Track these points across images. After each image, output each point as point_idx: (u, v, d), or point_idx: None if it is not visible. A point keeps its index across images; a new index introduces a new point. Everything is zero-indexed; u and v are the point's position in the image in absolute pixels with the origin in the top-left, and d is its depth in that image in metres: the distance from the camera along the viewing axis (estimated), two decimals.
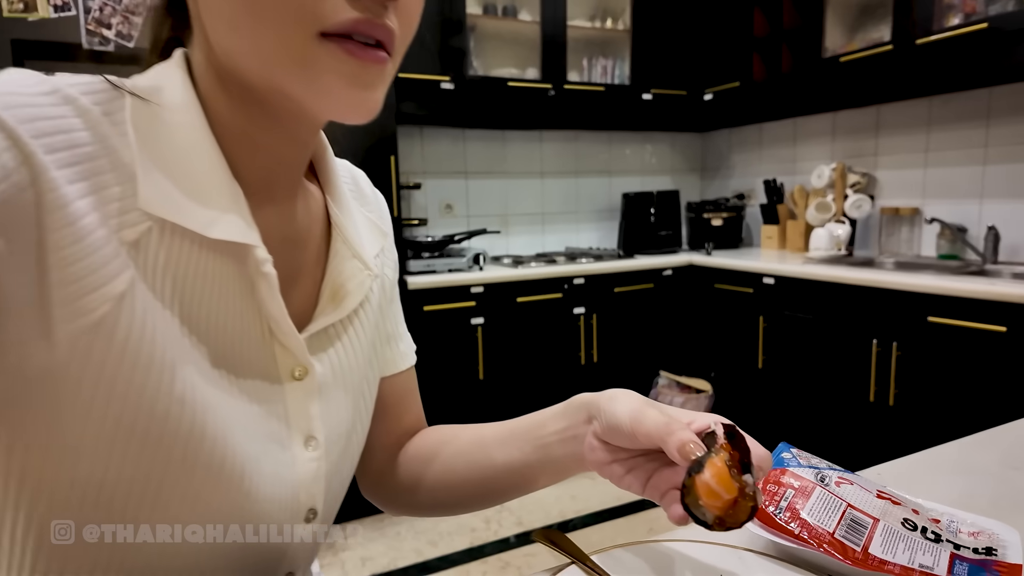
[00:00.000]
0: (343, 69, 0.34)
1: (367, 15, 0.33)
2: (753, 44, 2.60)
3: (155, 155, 0.35)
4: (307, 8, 0.32)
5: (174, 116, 0.36)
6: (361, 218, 0.50)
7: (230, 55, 0.35)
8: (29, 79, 0.33)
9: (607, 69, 2.80)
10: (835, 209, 2.47)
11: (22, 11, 1.57)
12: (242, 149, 0.39)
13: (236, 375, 0.40)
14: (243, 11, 0.33)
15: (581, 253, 2.78)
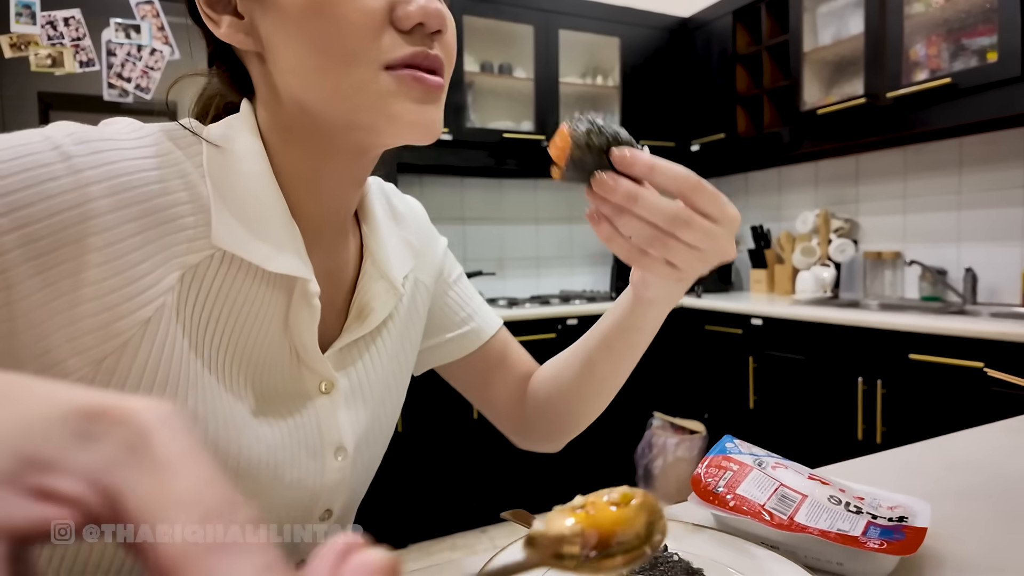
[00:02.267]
0: (411, 94, 0.39)
1: (421, 48, 0.39)
2: (736, 99, 2.74)
3: (226, 195, 0.41)
4: (370, 47, 0.38)
5: (243, 163, 0.42)
6: (393, 239, 0.54)
7: (306, 102, 0.40)
8: (126, 128, 0.40)
9: None
10: (820, 253, 2.55)
11: (50, 66, 1.69)
12: (302, 193, 0.44)
13: (268, 390, 0.44)
14: (314, 62, 0.38)
15: (575, 295, 2.85)
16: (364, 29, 0.38)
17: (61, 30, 1.70)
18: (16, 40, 1.66)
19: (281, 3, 0.39)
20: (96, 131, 0.38)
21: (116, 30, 1.75)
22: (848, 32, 2.30)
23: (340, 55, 0.38)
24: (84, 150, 0.36)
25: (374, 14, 0.38)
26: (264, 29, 0.40)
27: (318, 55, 0.38)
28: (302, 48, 0.39)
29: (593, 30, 2.84)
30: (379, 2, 0.38)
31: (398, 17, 0.39)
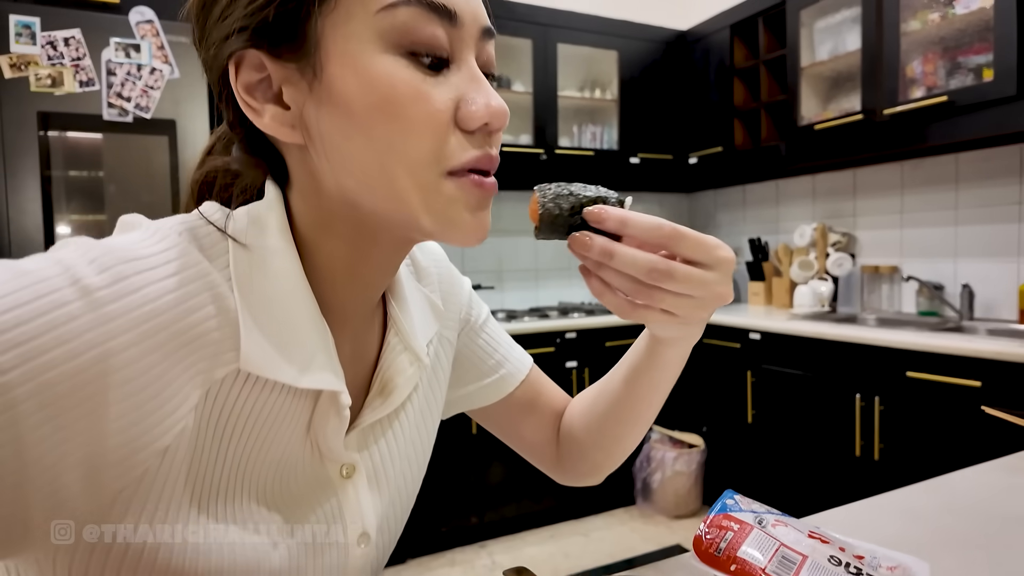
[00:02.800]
0: (470, 200, 0.39)
1: (484, 151, 0.39)
2: (734, 112, 2.75)
3: (254, 301, 0.38)
4: (436, 152, 0.37)
5: (272, 261, 0.39)
6: (417, 301, 0.52)
7: (358, 201, 0.39)
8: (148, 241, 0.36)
9: (596, 135, 2.95)
10: (818, 267, 2.56)
11: (49, 86, 1.70)
12: (337, 286, 0.42)
13: (287, 489, 0.42)
14: (376, 163, 0.37)
15: (573, 308, 2.85)
16: (432, 133, 0.37)
17: (61, 50, 1.70)
18: (16, 60, 1.66)
19: (343, 100, 0.36)
20: (117, 251, 0.34)
21: (116, 49, 1.76)
22: (845, 48, 2.31)
23: (405, 159, 0.37)
24: (105, 280, 0.32)
25: (442, 116, 0.37)
26: (317, 123, 0.38)
27: (381, 156, 0.37)
28: (363, 148, 0.37)
29: (591, 44, 2.85)
30: (447, 103, 0.37)
31: (463, 117, 0.38)
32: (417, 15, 0.36)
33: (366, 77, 0.36)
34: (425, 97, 0.36)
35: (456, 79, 0.38)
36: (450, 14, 0.37)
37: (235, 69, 0.38)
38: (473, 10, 0.39)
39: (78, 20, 1.72)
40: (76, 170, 1.75)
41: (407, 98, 0.36)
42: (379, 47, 0.36)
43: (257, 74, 0.38)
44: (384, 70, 0.36)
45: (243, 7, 0.36)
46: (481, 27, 0.39)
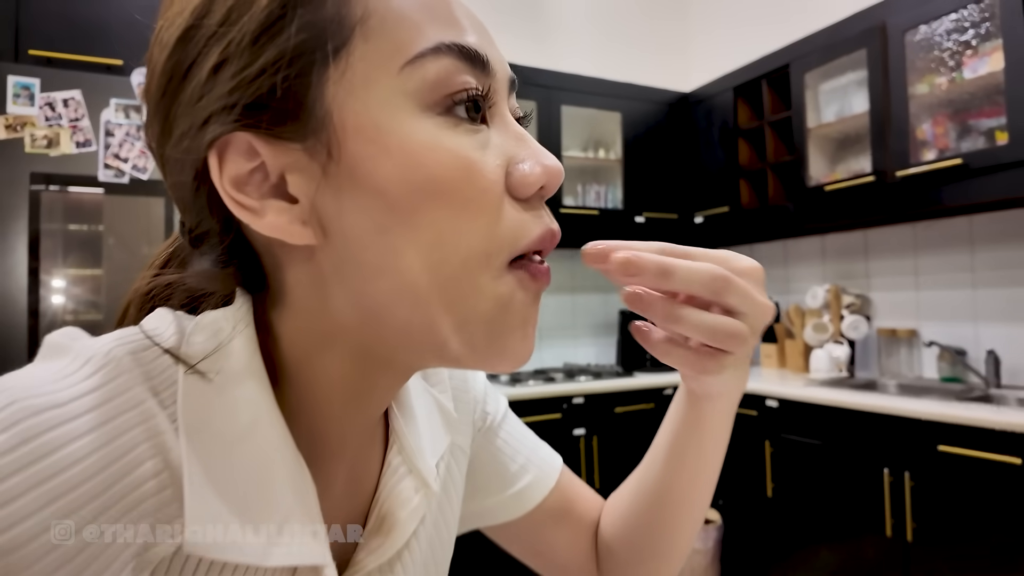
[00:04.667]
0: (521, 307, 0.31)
1: (546, 225, 0.31)
2: (740, 172, 2.73)
3: (208, 453, 0.29)
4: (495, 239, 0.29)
5: (237, 393, 0.30)
6: (425, 407, 0.43)
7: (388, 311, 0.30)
8: (69, 379, 0.27)
9: (600, 194, 2.92)
10: (832, 330, 2.48)
11: (45, 147, 1.65)
12: (332, 411, 0.34)
13: None
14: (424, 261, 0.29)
15: (580, 370, 2.75)
16: (490, 211, 0.29)
17: (60, 111, 1.67)
18: (12, 121, 1.62)
19: (374, 183, 0.28)
20: (25, 399, 0.25)
21: (116, 110, 1.72)
22: (852, 110, 2.31)
23: (459, 252, 0.29)
24: (8, 443, 0.24)
25: (498, 188, 0.30)
26: (339, 217, 0.29)
27: (429, 252, 0.29)
28: (405, 243, 0.29)
29: (595, 105, 2.86)
30: (499, 171, 0.30)
31: (517, 183, 0.30)
32: (450, 66, 0.29)
33: (404, 152, 0.28)
34: (477, 167, 0.29)
35: (498, 139, 0.31)
36: (482, 61, 0.30)
37: (219, 160, 0.29)
38: (500, 57, 0.32)
39: (79, 81, 1.69)
40: (75, 223, 1.69)
41: (458, 172, 0.28)
42: (411, 111, 0.29)
43: (248, 163, 0.29)
44: (424, 139, 0.28)
45: (227, 80, 0.28)
46: (510, 77, 0.33)
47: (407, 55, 0.28)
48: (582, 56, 3.12)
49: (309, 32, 0.28)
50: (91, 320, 1.72)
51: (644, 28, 3.34)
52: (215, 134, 0.29)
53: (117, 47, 1.79)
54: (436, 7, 0.30)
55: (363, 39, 0.29)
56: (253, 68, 0.28)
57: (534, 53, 3.00)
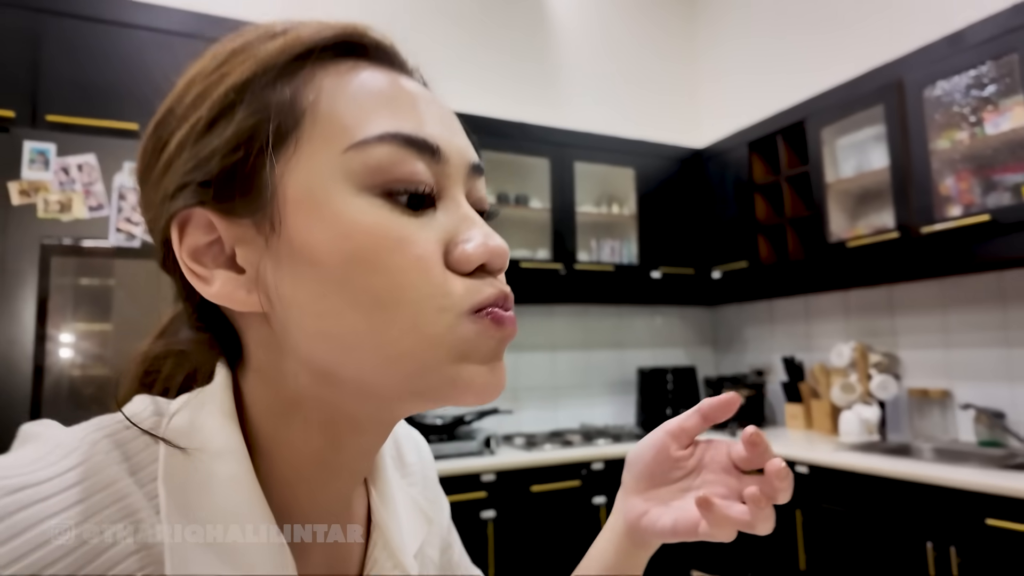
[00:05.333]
0: (487, 344, 0.32)
1: (497, 288, 0.33)
2: (758, 228, 2.69)
3: (186, 527, 0.30)
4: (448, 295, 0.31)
5: (217, 468, 0.31)
6: (403, 502, 0.44)
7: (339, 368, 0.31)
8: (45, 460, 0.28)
9: (615, 249, 2.88)
10: (860, 390, 2.38)
11: (58, 211, 1.63)
12: (303, 482, 0.34)
13: None
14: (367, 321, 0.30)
15: (597, 432, 2.65)
16: (425, 279, 0.31)
17: (74, 176, 1.66)
18: (26, 187, 1.61)
19: (310, 253, 0.30)
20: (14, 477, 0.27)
21: (129, 174, 1.71)
22: (871, 165, 2.27)
23: (404, 310, 0.30)
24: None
25: (430, 260, 0.31)
26: (278, 285, 0.31)
27: (369, 313, 0.30)
28: (344, 306, 0.30)
29: (607, 162, 2.85)
30: (434, 245, 0.31)
31: (457, 259, 0.32)
32: (394, 152, 0.31)
33: (335, 224, 0.30)
34: (408, 239, 0.31)
35: (444, 219, 0.33)
36: (432, 149, 0.32)
37: (179, 232, 0.32)
38: (459, 145, 0.34)
39: (94, 145, 1.68)
40: (87, 278, 1.66)
41: (387, 243, 0.30)
42: (349, 189, 0.30)
43: (206, 236, 0.32)
44: (356, 214, 0.30)
45: (185, 160, 0.31)
46: (469, 163, 0.35)
47: (352, 139, 0.31)
48: (594, 114, 3.14)
49: (260, 116, 0.31)
50: (97, 375, 1.67)
51: (655, 85, 3.37)
52: (175, 208, 0.31)
53: (132, 111, 1.79)
54: (395, 98, 0.33)
55: (312, 122, 0.31)
56: (207, 149, 0.31)
57: (547, 111, 3.02)
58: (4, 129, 1.62)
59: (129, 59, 1.83)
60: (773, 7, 3.03)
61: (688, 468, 0.44)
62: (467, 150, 0.35)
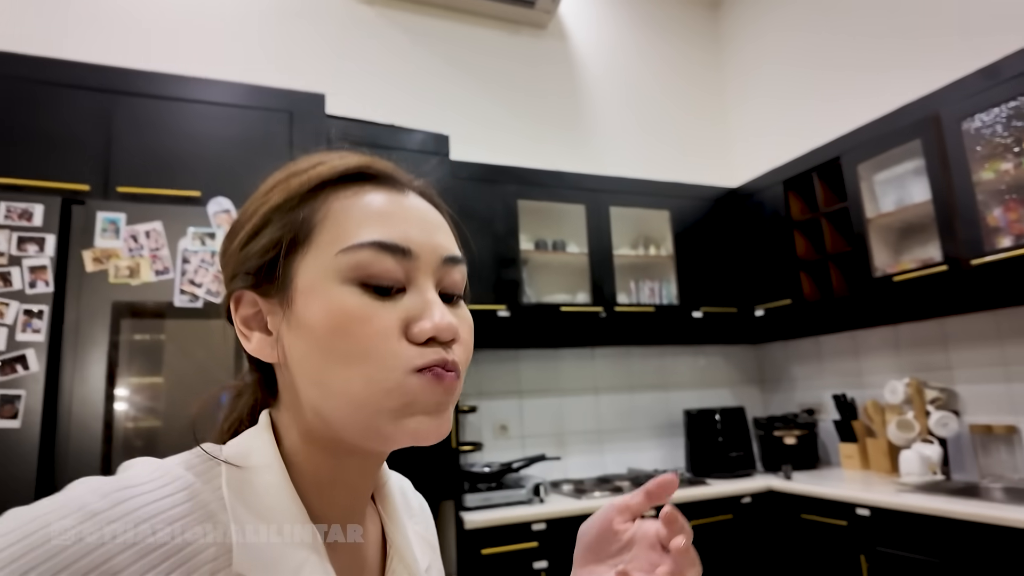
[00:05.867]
0: (430, 396, 0.42)
1: (440, 355, 0.42)
2: (799, 264, 2.67)
3: (247, 515, 0.41)
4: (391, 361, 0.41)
5: (262, 477, 0.43)
6: (412, 533, 0.54)
7: (324, 412, 0.43)
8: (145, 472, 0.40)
9: (654, 291, 2.88)
10: (919, 427, 2.31)
11: (127, 276, 1.73)
12: (322, 491, 0.46)
13: None
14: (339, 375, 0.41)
15: (646, 476, 2.61)
16: (383, 345, 0.41)
17: (142, 242, 1.75)
18: (99, 254, 1.71)
19: (307, 324, 0.42)
20: (117, 483, 0.38)
21: (193, 238, 1.81)
22: (912, 199, 2.26)
23: (362, 368, 0.41)
24: (106, 504, 0.37)
25: (389, 332, 0.41)
26: (289, 345, 0.44)
27: (341, 369, 0.41)
28: (325, 363, 0.42)
29: (642, 205, 2.89)
30: (393, 321, 0.42)
31: (413, 333, 0.42)
32: (372, 254, 0.42)
33: (324, 304, 0.42)
34: (372, 316, 0.41)
35: (408, 301, 0.43)
36: (403, 251, 0.43)
37: (235, 305, 0.46)
38: (432, 244, 0.45)
39: (160, 213, 1.79)
40: (140, 333, 1.73)
41: (356, 319, 0.41)
42: (337, 280, 0.42)
43: (251, 309, 0.46)
44: (338, 298, 0.41)
45: (240, 257, 0.46)
46: (441, 257, 0.45)
47: (342, 245, 0.42)
48: (627, 159, 3.20)
49: (284, 231, 0.44)
50: (150, 427, 1.72)
51: (686, 129, 3.43)
52: (233, 288, 0.46)
53: (194, 179, 1.90)
54: (382, 213, 0.44)
55: (319, 233, 0.43)
56: (252, 251, 0.45)
57: (581, 159, 3.10)
58: (80, 202, 1.73)
59: (189, 131, 1.95)
60: (800, 48, 3.08)
61: (623, 543, 0.49)
62: (440, 245, 0.45)
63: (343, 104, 2.46)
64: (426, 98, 2.90)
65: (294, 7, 2.75)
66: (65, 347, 1.65)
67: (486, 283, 2.54)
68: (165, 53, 2.46)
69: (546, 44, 3.22)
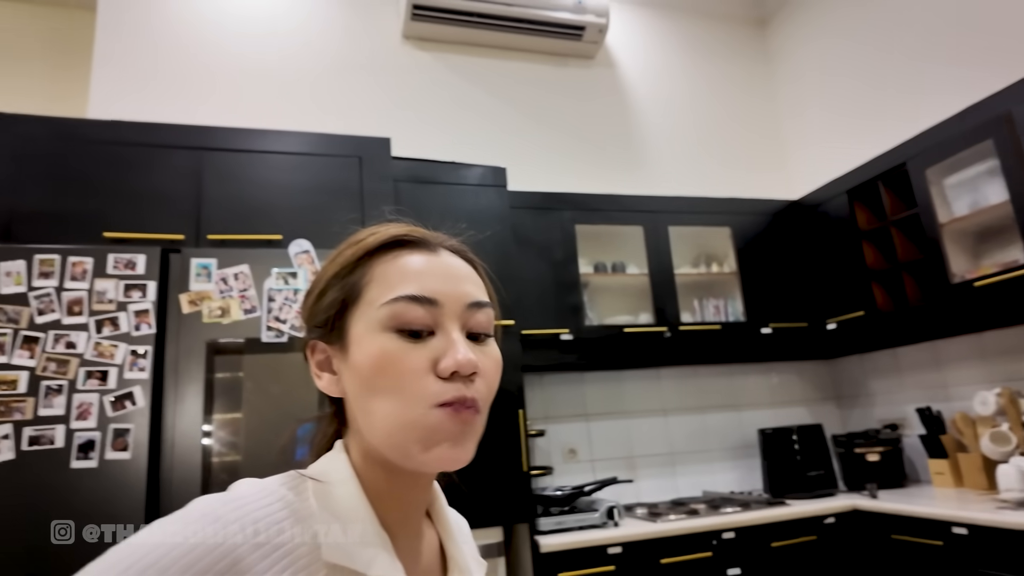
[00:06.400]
0: (449, 428, 0.50)
1: (460, 392, 0.51)
2: (870, 275, 2.60)
3: (329, 517, 0.51)
4: (418, 396, 0.50)
5: (339, 489, 0.53)
6: (469, 554, 0.63)
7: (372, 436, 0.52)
8: (252, 489, 0.50)
9: (719, 308, 2.86)
10: (1016, 440, 2.18)
11: (219, 316, 1.87)
12: (385, 503, 0.54)
13: None
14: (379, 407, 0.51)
15: (723, 499, 2.55)
16: (413, 382, 0.50)
17: (231, 284, 1.90)
18: (194, 297, 1.86)
19: (357, 365, 0.53)
20: (229, 495, 0.49)
21: (276, 278, 1.94)
22: (987, 201, 2.18)
23: (395, 400, 0.50)
24: (226, 508, 0.47)
25: (419, 371, 0.51)
26: (347, 382, 0.55)
27: (380, 402, 0.51)
28: (369, 397, 0.52)
29: (701, 223, 2.89)
30: (422, 361, 0.51)
31: (439, 370, 0.51)
32: (405, 305, 0.52)
33: (369, 348, 0.52)
34: (404, 357, 0.51)
35: (436, 342, 0.52)
36: (430, 300, 0.52)
37: (311, 352, 0.58)
38: (457, 293, 0.54)
39: (247, 257, 1.93)
40: (221, 372, 1.85)
41: (392, 359, 0.51)
42: (379, 329, 0.52)
43: (322, 354, 0.57)
44: (379, 343, 0.51)
45: (311, 313, 0.58)
46: (465, 304, 0.54)
47: (381, 301, 0.52)
48: (684, 179, 3.22)
49: (341, 294, 0.55)
50: (231, 461, 1.83)
51: (742, 144, 3.42)
52: (307, 338, 0.59)
53: (276, 224, 2.05)
54: (414, 271, 0.54)
55: (367, 292, 0.54)
56: (319, 308, 0.57)
57: (636, 182, 3.14)
58: (176, 250, 1.90)
59: (270, 179, 2.11)
60: (854, 56, 3.04)
61: None
62: (465, 295, 0.54)
63: (406, 145, 2.59)
64: (483, 133, 3.01)
65: (356, 60, 2.94)
66: (167, 383, 1.80)
67: (548, 307, 2.58)
68: (245, 110, 2.67)
69: (595, 73, 3.30)
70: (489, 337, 0.56)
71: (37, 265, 1.78)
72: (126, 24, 2.66)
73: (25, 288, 1.77)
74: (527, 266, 2.56)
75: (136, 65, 2.62)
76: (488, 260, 0.62)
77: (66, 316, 1.77)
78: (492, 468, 2.11)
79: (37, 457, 1.65)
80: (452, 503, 0.66)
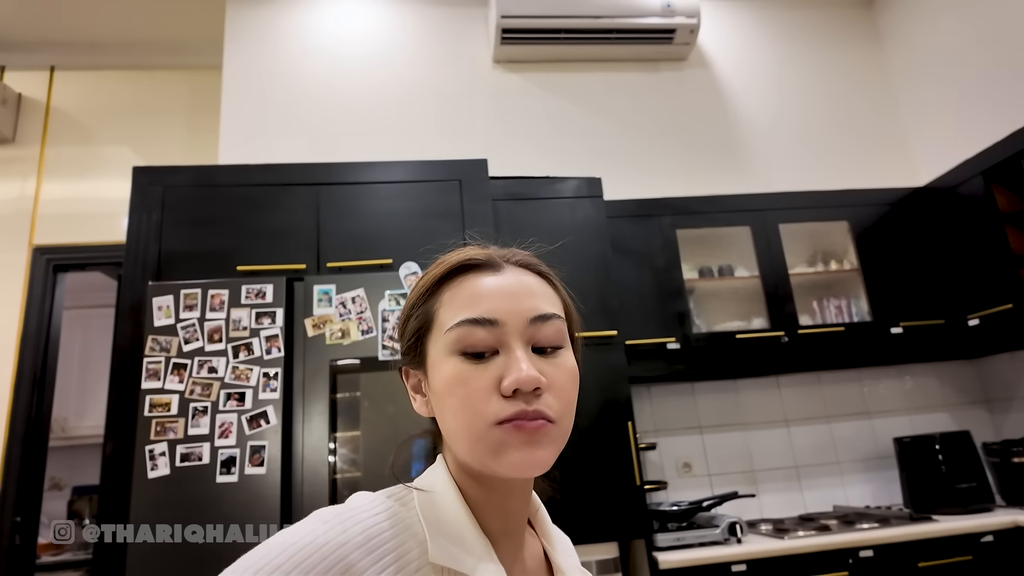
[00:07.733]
0: (516, 441, 0.52)
1: (520, 407, 0.52)
2: (1017, 263, 2.33)
3: (435, 525, 0.54)
4: (482, 414, 0.52)
5: (442, 498, 0.57)
6: (574, 565, 0.65)
7: (456, 448, 0.56)
8: (363, 501, 0.55)
9: (842, 308, 2.67)
10: None
11: (339, 338, 1.99)
12: (484, 511, 0.57)
13: None
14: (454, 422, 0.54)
15: (858, 515, 2.36)
16: (478, 401, 0.53)
17: (349, 307, 2.02)
18: (317, 321, 2.00)
19: (435, 387, 0.57)
20: (345, 506, 0.54)
21: (389, 300, 2.04)
22: None
23: (464, 419, 0.53)
24: (340, 518, 0.51)
25: (484, 391, 0.53)
26: (432, 401, 0.59)
27: (455, 419, 0.54)
28: (446, 415, 0.56)
29: (815, 218, 2.72)
30: (487, 381, 0.53)
31: (503, 388, 0.53)
32: (466, 329, 0.54)
33: (441, 372, 0.55)
34: (469, 379, 0.53)
35: (500, 361, 0.54)
36: (491, 321, 0.54)
37: (405, 376, 0.63)
38: (519, 309, 0.55)
39: (362, 281, 2.05)
40: (341, 392, 1.97)
41: (458, 382, 0.54)
42: (447, 353, 0.55)
43: (414, 378, 0.62)
44: (448, 367, 0.55)
45: (401, 342, 0.63)
46: (527, 319, 0.55)
47: (448, 326, 0.55)
48: (790, 173, 3.05)
49: (420, 320, 0.59)
50: (351, 478, 1.92)
51: (853, 131, 3.20)
52: (400, 364, 0.63)
53: (387, 249, 2.16)
54: (477, 294, 0.56)
55: (437, 318, 0.57)
56: (405, 336, 0.62)
57: (739, 181, 3.02)
58: (300, 278, 2.05)
59: (379, 208, 2.24)
60: (978, 24, 2.76)
61: None
62: (528, 310, 0.56)
63: (504, 164, 2.66)
64: (578, 146, 3.03)
65: (451, 88, 3.06)
66: (295, 403, 1.94)
67: (651, 316, 2.53)
68: (352, 144, 2.86)
69: (688, 74, 3.22)
70: (559, 348, 0.57)
71: (183, 299, 1.99)
72: (247, 77, 2.94)
73: (173, 320, 1.98)
74: (628, 275, 2.52)
75: (256, 112, 2.88)
76: (587, 271, 0.64)
77: (208, 343, 1.96)
78: (603, 482, 2.08)
79: (188, 472, 1.83)
80: (565, 516, 0.68)
